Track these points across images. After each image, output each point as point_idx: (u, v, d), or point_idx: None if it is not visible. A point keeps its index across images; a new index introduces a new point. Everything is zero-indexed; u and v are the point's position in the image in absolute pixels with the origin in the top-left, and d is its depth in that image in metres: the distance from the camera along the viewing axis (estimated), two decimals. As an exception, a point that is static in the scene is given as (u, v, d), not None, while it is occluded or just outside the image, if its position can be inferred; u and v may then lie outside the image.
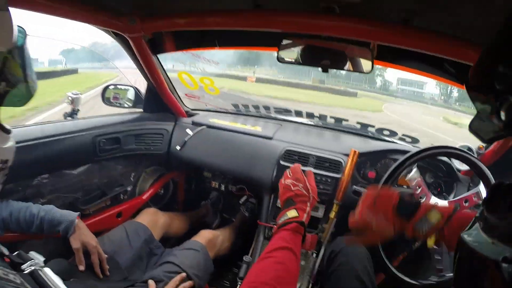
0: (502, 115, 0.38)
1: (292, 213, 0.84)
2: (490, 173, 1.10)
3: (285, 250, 0.74)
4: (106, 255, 1.18)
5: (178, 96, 1.79)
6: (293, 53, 1.13)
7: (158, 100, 1.72)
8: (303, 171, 0.96)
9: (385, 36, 0.94)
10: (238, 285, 1.25)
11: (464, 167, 1.44)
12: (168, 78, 1.64)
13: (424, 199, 1.10)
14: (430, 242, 0.90)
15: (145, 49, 1.36)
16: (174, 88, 1.72)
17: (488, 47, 0.40)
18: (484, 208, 0.40)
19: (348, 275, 1.04)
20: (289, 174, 0.96)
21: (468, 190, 1.40)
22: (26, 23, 0.76)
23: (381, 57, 1.15)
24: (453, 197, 1.41)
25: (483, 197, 1.07)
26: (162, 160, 1.81)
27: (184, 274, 1.20)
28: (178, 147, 1.71)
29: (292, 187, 0.90)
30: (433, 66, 1.17)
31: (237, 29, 1.07)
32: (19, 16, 0.70)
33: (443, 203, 1.08)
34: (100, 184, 1.59)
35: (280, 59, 1.12)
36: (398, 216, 0.84)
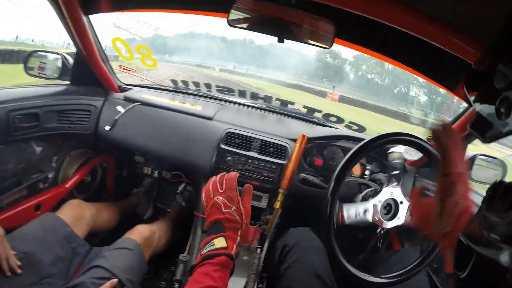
0: (502, 115, 0.38)
1: (220, 242, 0.71)
2: None
3: None
4: (15, 252, 1.01)
5: (111, 67, 1.57)
6: (246, 19, 1.00)
7: (88, 71, 1.49)
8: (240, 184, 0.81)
9: (350, 2, 0.83)
10: (175, 287, 1.13)
11: (411, 157, 1.43)
12: (100, 45, 1.43)
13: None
14: None
15: (75, 7, 1.16)
16: (106, 57, 1.50)
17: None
18: (484, 207, 0.40)
19: (304, 272, 0.94)
20: (220, 186, 0.79)
21: (414, 181, 1.41)
22: None
23: (346, 36, 1.07)
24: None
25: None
26: (89, 141, 1.58)
27: (115, 280, 1.04)
28: (107, 127, 1.49)
29: (223, 208, 0.76)
30: (404, 54, 1.11)
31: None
32: None
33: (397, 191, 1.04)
34: (15, 170, 1.33)
35: (230, 23, 0.99)
36: None
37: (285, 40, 0.99)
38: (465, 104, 1.21)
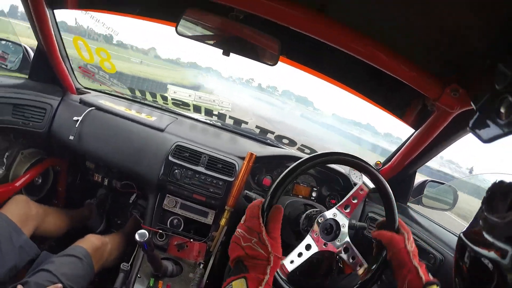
0: (502, 115, 0.37)
1: (239, 285, 0.61)
2: (387, 184, 1.04)
3: None
4: None
5: (71, 67, 1.52)
6: (194, 30, 1.01)
7: (48, 68, 1.44)
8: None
9: (297, 21, 0.85)
10: None
11: (360, 180, 1.42)
12: (62, 42, 1.39)
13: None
14: None
15: None
16: (67, 55, 1.46)
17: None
18: (484, 208, 0.40)
19: None
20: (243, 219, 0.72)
21: (364, 204, 1.38)
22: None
23: (290, 56, 1.09)
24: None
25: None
26: (42, 141, 1.51)
27: (59, 285, 1.04)
28: (71, 137, 1.41)
29: (242, 241, 0.66)
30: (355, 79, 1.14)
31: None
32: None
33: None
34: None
35: (179, 32, 0.99)
36: None
37: (230, 54, 1.00)
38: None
